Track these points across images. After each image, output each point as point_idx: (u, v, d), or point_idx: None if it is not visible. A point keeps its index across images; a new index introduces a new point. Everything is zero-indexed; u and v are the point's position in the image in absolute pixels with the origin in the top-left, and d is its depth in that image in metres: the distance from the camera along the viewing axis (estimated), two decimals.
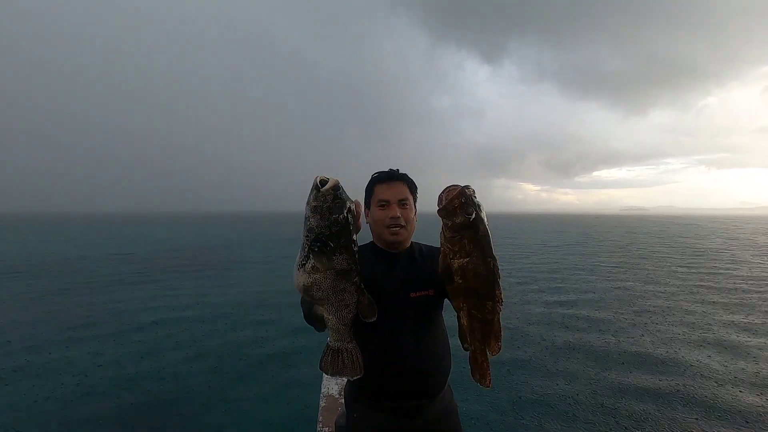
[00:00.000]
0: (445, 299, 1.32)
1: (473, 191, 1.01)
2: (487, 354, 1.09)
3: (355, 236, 0.99)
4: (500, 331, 1.06)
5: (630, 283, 10.39)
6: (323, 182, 0.92)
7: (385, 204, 1.25)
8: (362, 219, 1.07)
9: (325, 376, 2.69)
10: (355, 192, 1.05)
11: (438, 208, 1.03)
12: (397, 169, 1.32)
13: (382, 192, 1.26)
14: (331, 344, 1.06)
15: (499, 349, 1.06)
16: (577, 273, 12.03)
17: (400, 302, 1.21)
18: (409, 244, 1.32)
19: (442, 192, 1.05)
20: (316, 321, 1.05)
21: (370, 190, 1.30)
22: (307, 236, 0.94)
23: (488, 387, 1.12)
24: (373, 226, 1.30)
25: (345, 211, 0.92)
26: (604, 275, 11.61)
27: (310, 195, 0.92)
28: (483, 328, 1.06)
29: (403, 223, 1.24)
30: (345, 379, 2.60)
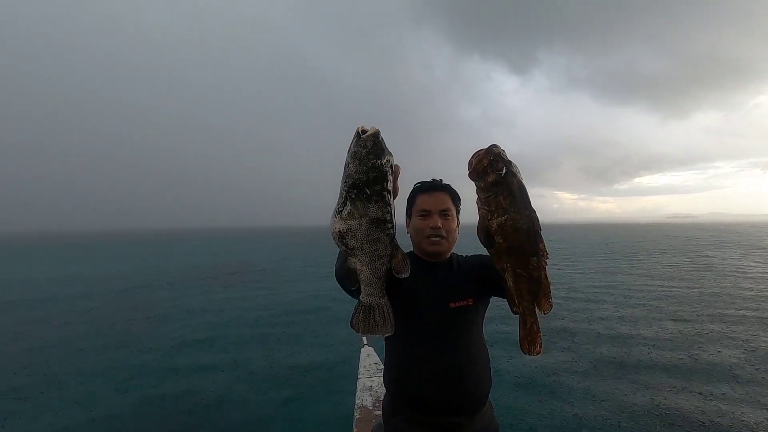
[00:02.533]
0: (485, 308, 1.29)
1: (502, 149, 0.99)
2: (537, 315, 1.04)
3: (392, 197, 0.99)
4: (549, 287, 1.01)
5: None
6: (364, 131, 0.93)
7: (426, 214, 1.23)
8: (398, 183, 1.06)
9: (358, 387, 2.68)
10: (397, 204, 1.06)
11: (468, 172, 1.02)
12: (440, 180, 1.30)
13: (424, 202, 1.25)
14: (363, 300, 1.04)
15: (551, 306, 1.01)
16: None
17: (439, 312, 1.18)
18: (449, 256, 1.29)
19: (471, 156, 1.02)
20: (349, 276, 1.03)
21: (411, 199, 1.30)
22: (345, 182, 0.95)
23: (538, 354, 1.05)
24: (413, 236, 1.30)
25: (383, 158, 0.93)
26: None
27: (351, 143, 0.94)
28: (530, 287, 1.01)
29: (444, 234, 1.22)
30: (380, 391, 2.58)
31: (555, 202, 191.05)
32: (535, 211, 0.99)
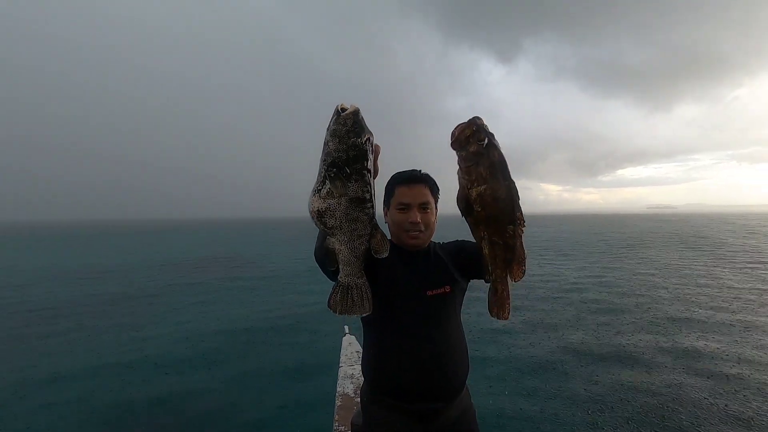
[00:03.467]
0: (463, 295, 1.30)
1: (484, 122, 1.01)
2: (508, 283, 1.07)
3: (372, 176, 0.99)
4: (524, 256, 1.04)
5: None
6: (344, 108, 0.92)
7: (405, 207, 1.22)
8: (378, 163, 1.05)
9: (340, 375, 2.70)
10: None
11: (451, 142, 1.04)
12: (420, 170, 1.27)
13: (403, 194, 1.23)
14: (340, 279, 1.04)
15: (523, 273, 1.04)
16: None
17: (416, 300, 1.19)
18: (427, 245, 1.29)
19: (454, 128, 1.04)
20: (327, 256, 1.02)
21: (390, 190, 1.27)
22: (324, 161, 0.94)
23: (506, 319, 1.09)
24: (391, 227, 1.29)
25: (363, 137, 0.92)
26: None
27: (330, 121, 0.93)
28: (505, 254, 1.04)
29: (422, 228, 1.22)
30: (360, 379, 2.61)
31: (540, 193, 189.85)
32: (514, 182, 1.01)
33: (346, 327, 3.40)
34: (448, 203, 1.35)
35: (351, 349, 3.03)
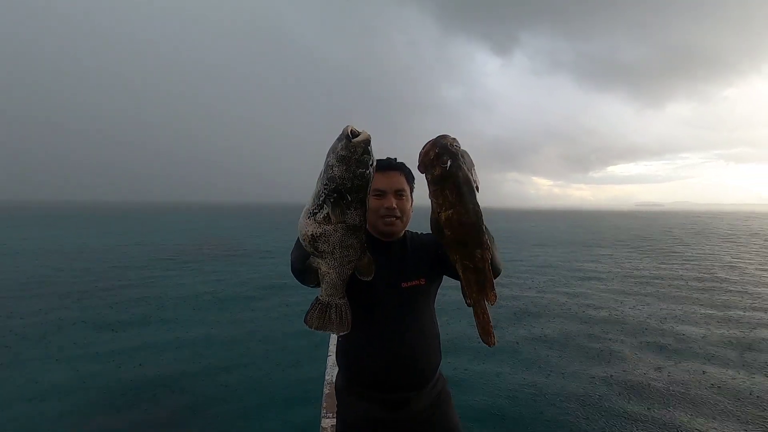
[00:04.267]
0: (438, 286, 1.33)
1: (452, 140, 0.99)
2: (486, 306, 1.06)
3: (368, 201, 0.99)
4: (492, 280, 1.04)
5: None
6: (355, 133, 0.89)
7: (380, 194, 1.23)
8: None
9: (328, 363, 2.72)
10: None
11: (417, 164, 1.03)
12: (395, 158, 1.30)
13: (378, 181, 1.23)
14: (321, 298, 1.04)
15: (495, 297, 1.04)
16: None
17: (391, 292, 1.21)
18: (402, 234, 1.31)
19: (422, 148, 1.02)
20: (309, 274, 1.02)
21: None
22: (326, 184, 0.91)
23: (493, 344, 1.07)
24: (367, 215, 1.31)
25: (371, 167, 0.91)
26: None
27: (337, 143, 0.90)
28: (477, 278, 1.04)
29: (398, 214, 1.24)
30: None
31: (532, 187, 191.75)
32: (479, 204, 1.01)
33: None
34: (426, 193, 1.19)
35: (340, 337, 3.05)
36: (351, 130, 0.89)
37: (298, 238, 1.03)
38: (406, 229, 1.33)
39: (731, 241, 21.40)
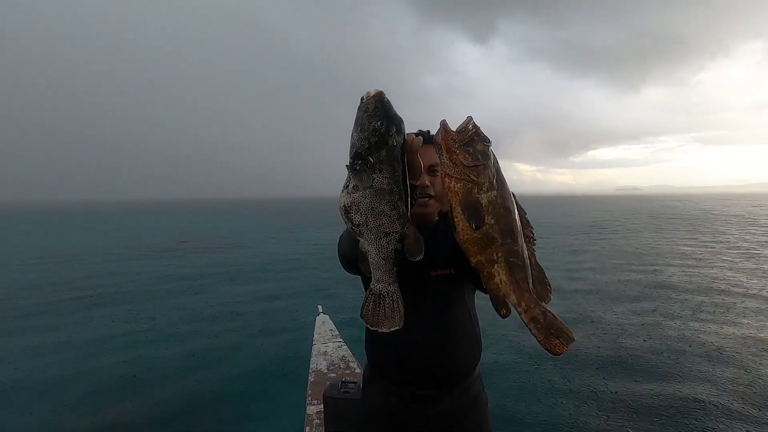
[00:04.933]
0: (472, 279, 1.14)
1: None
2: (547, 310, 0.86)
3: (404, 167, 0.89)
4: (544, 272, 0.89)
5: None
6: (368, 94, 0.86)
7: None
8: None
9: (313, 352, 2.76)
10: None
11: (444, 135, 0.87)
12: (428, 131, 1.14)
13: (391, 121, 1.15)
14: (372, 287, 0.93)
15: (551, 289, 0.88)
16: None
17: (419, 279, 1.09)
18: (437, 218, 1.18)
19: (443, 124, 0.88)
20: (362, 261, 0.92)
21: None
22: (350, 154, 0.88)
23: (566, 350, 0.86)
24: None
25: (388, 121, 0.85)
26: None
27: (357, 111, 0.86)
28: (525, 275, 0.86)
29: (432, 193, 1.11)
30: (336, 356, 2.67)
31: (514, 173, 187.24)
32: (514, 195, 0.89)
33: (320, 306, 3.46)
34: None
35: (324, 327, 3.09)
36: (365, 94, 0.85)
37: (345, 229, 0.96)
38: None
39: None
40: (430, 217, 1.15)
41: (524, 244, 0.87)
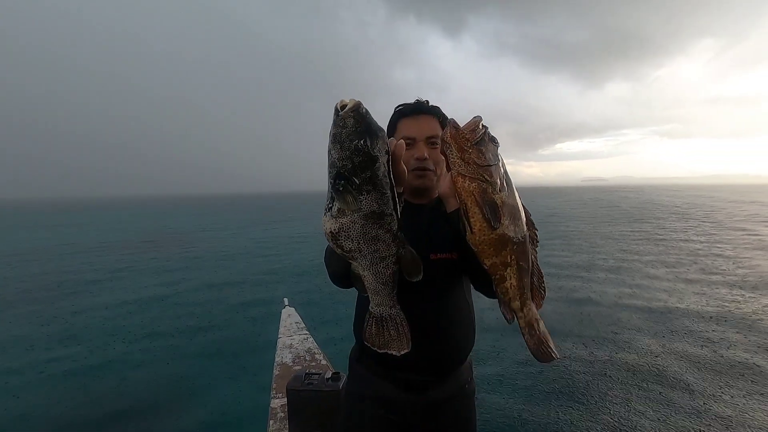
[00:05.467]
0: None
1: None
2: (542, 321, 0.89)
3: (391, 182, 0.83)
4: (543, 278, 0.90)
5: None
6: (343, 105, 0.77)
7: (410, 142, 1.03)
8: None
9: (278, 345, 2.73)
10: None
11: (453, 134, 0.83)
12: (426, 101, 1.09)
13: (407, 128, 1.05)
14: (371, 310, 0.89)
15: (542, 298, 0.90)
16: None
17: None
18: (436, 195, 1.11)
19: (452, 121, 0.84)
20: (356, 283, 0.88)
21: (392, 126, 1.11)
22: (329, 174, 0.80)
23: (557, 357, 0.89)
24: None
25: (371, 137, 0.78)
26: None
27: (331, 125, 0.79)
28: (528, 282, 0.87)
29: (431, 166, 1.04)
30: (299, 348, 2.66)
31: None
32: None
33: (286, 299, 3.42)
34: None
35: (290, 320, 3.06)
36: (340, 104, 0.77)
37: (328, 245, 0.90)
38: None
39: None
40: (429, 191, 1.09)
41: (533, 247, 0.86)
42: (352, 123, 0.76)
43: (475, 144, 0.81)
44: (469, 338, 1.11)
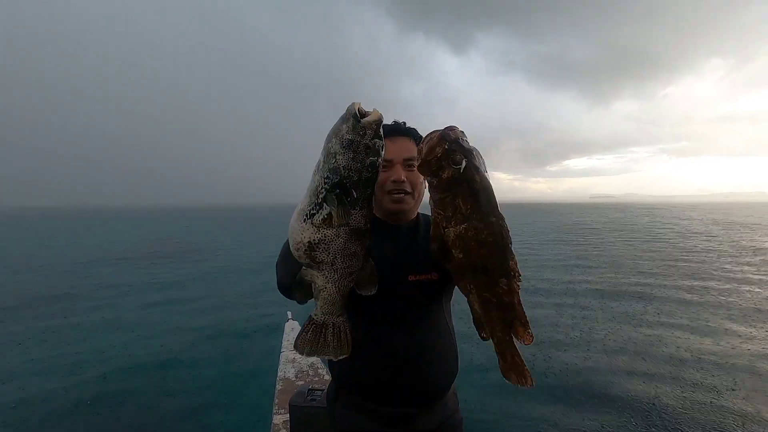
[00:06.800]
0: (454, 285, 1.08)
1: (461, 132, 0.78)
2: (516, 346, 0.83)
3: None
4: (525, 315, 0.81)
5: None
6: (363, 112, 0.71)
7: (386, 164, 1.00)
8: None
9: (281, 359, 2.70)
10: None
11: (416, 164, 0.83)
12: (404, 122, 1.07)
13: (384, 150, 1.07)
14: (315, 317, 0.86)
15: (532, 337, 0.80)
16: None
17: (395, 285, 0.98)
18: (414, 215, 1.09)
19: (421, 142, 0.81)
20: (300, 289, 0.84)
21: None
22: (326, 179, 0.73)
23: (532, 386, 0.83)
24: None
25: (381, 156, 0.74)
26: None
27: (341, 125, 0.72)
28: (503, 314, 0.80)
29: (408, 189, 1.01)
30: (303, 363, 2.62)
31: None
32: (503, 218, 0.78)
33: (289, 312, 3.40)
34: None
35: (293, 334, 3.03)
36: (358, 108, 0.71)
37: (285, 248, 0.86)
38: (419, 211, 1.11)
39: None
40: (405, 214, 1.06)
41: (507, 281, 0.78)
42: (372, 136, 0.71)
43: (429, 174, 0.80)
44: (451, 365, 1.05)
